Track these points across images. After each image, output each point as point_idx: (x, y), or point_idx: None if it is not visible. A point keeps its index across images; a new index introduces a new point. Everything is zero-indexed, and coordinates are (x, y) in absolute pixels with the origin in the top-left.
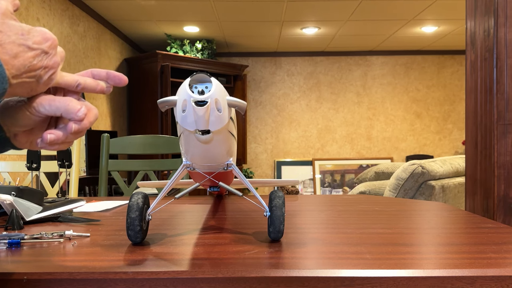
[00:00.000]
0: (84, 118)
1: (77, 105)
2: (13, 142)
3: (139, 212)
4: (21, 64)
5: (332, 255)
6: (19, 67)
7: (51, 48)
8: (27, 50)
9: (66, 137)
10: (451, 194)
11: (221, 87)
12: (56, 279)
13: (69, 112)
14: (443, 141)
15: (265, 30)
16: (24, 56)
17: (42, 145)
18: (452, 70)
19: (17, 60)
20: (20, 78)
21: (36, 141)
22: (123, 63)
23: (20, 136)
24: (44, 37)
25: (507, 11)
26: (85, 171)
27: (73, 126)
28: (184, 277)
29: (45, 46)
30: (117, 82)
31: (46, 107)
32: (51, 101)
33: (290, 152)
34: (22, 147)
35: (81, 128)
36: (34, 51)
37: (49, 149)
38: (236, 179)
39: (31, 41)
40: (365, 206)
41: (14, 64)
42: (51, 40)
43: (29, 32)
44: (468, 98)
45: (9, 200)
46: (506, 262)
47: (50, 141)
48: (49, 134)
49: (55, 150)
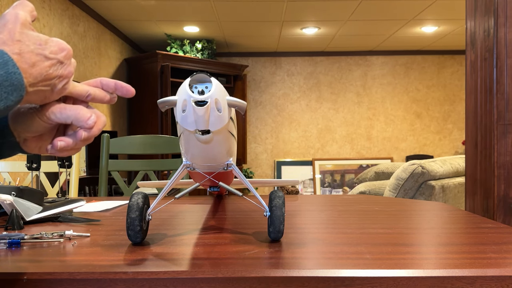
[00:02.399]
0: (94, 126)
1: (87, 113)
2: (23, 146)
3: (139, 212)
4: (38, 73)
5: (332, 255)
6: (36, 75)
7: (66, 58)
8: (44, 59)
9: (75, 144)
10: (451, 194)
11: (221, 87)
12: (56, 279)
13: (79, 120)
14: (443, 141)
15: (265, 30)
16: (41, 66)
17: (52, 151)
18: (452, 70)
19: (34, 69)
20: (36, 86)
21: (45, 146)
22: (123, 63)
23: (30, 141)
24: (60, 48)
25: (507, 11)
26: (85, 171)
27: (83, 133)
28: (184, 277)
29: (60, 56)
30: (124, 94)
31: (57, 114)
32: (62, 109)
33: (290, 152)
34: (31, 151)
35: (90, 136)
36: (50, 61)
37: (58, 155)
38: (236, 179)
39: (48, 51)
40: (365, 206)
41: (32, 72)
42: (67, 50)
43: (46, 42)
44: (468, 98)
45: (9, 200)
46: (506, 262)
47: (61, 148)
48: (59, 142)
49: (63, 156)
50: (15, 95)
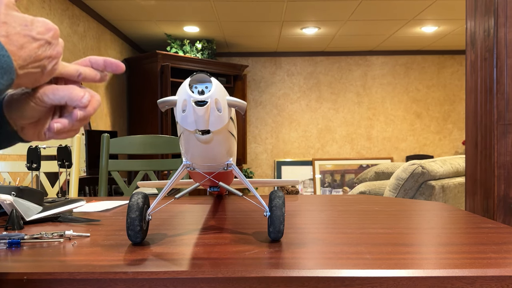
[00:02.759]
0: (88, 105)
1: (80, 92)
2: (21, 135)
3: (139, 212)
4: (27, 55)
5: (332, 255)
6: (25, 57)
7: (53, 38)
8: (32, 40)
9: (72, 125)
10: (451, 194)
11: (221, 87)
12: (56, 279)
13: (73, 99)
14: (443, 141)
15: (265, 30)
16: (30, 47)
17: (49, 135)
18: (452, 70)
19: (23, 51)
20: (26, 68)
21: (43, 132)
22: (123, 63)
23: (27, 128)
24: (46, 28)
25: (507, 11)
26: (85, 171)
27: (78, 113)
28: (184, 277)
29: (48, 36)
30: (114, 70)
31: (50, 96)
32: (54, 90)
33: (290, 152)
34: (30, 139)
35: (86, 115)
36: (38, 42)
37: (56, 138)
38: (236, 179)
39: (35, 31)
40: (365, 206)
41: (21, 55)
42: (54, 30)
43: (32, 23)
44: (468, 98)
45: (9, 200)
46: (506, 262)
47: (57, 130)
48: (55, 123)
49: (62, 139)
50: (5, 78)
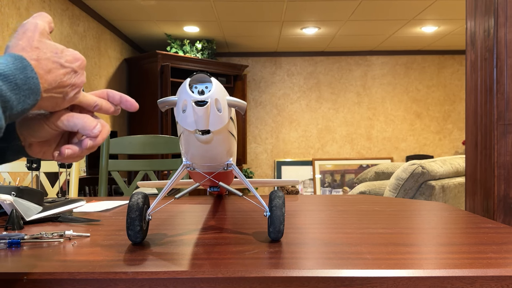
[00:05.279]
0: (99, 135)
1: (93, 123)
2: (27, 151)
3: (139, 212)
4: (53, 80)
5: (332, 255)
6: (51, 82)
7: (80, 68)
8: (59, 67)
9: (81, 152)
10: (451, 194)
11: (221, 87)
12: (56, 279)
13: (86, 128)
14: (443, 141)
15: (265, 30)
16: (56, 73)
17: (58, 158)
18: (452, 70)
19: (50, 76)
20: (50, 92)
21: (49, 152)
22: (123, 63)
23: (34, 146)
24: (75, 57)
25: (507, 11)
26: (85, 171)
27: (88, 142)
28: (184, 277)
29: (75, 65)
30: (128, 107)
31: (65, 122)
32: (69, 117)
33: (290, 152)
34: (35, 156)
35: (95, 144)
36: (65, 69)
37: (63, 162)
38: (236, 179)
39: (64, 59)
40: (365, 206)
41: (47, 78)
42: (81, 60)
43: (62, 51)
44: (468, 98)
45: (9, 200)
46: (506, 262)
47: (68, 156)
48: (67, 149)
49: (67, 162)
50: (31, 98)
